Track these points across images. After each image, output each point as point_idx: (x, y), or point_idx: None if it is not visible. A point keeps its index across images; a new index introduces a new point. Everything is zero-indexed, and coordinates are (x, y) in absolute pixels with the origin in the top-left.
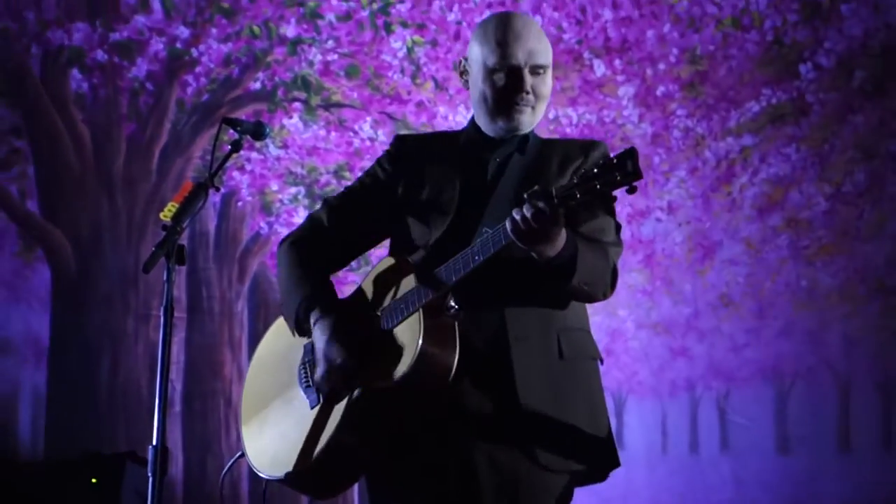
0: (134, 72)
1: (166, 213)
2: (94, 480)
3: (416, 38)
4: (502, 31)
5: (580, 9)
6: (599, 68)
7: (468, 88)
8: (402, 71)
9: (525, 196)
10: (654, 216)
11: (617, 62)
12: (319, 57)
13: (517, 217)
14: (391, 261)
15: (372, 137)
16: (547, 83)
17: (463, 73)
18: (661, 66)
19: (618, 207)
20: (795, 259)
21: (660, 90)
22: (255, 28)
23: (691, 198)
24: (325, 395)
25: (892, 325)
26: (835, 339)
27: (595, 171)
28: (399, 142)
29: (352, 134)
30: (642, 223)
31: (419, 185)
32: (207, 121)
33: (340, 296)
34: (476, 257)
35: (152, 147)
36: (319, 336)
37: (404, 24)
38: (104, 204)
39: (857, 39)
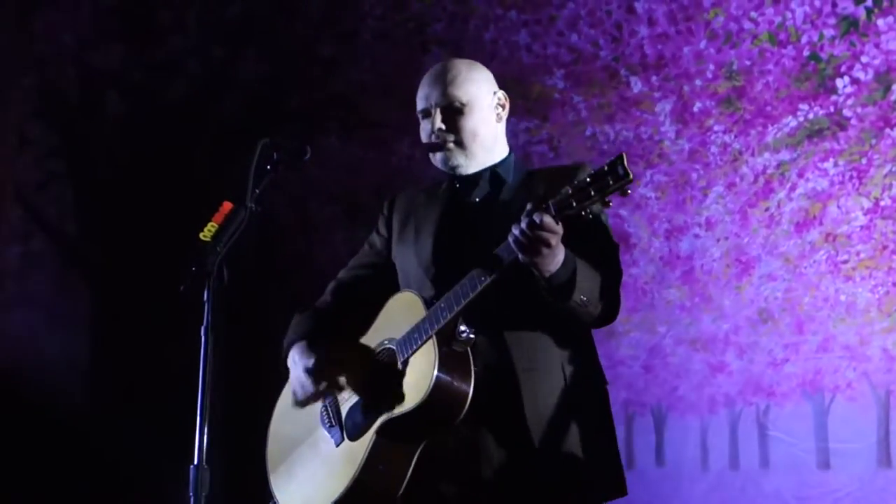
0: (170, 92)
1: (206, 234)
2: None
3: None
4: (422, 81)
5: (616, 26)
6: (636, 85)
7: None
8: None
9: (527, 209)
10: (692, 232)
11: (654, 78)
12: (356, 76)
13: (517, 231)
14: (402, 295)
15: (410, 156)
16: (472, 116)
17: None
18: (698, 82)
19: (655, 225)
20: (834, 274)
21: (696, 106)
22: (292, 48)
23: (729, 213)
24: (347, 431)
25: None
26: (875, 353)
27: (588, 179)
28: (389, 203)
29: (390, 153)
30: (681, 239)
31: (406, 238)
32: (245, 141)
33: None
34: (482, 278)
35: (190, 167)
36: (296, 357)
37: (440, 44)
38: (144, 225)
39: (894, 53)
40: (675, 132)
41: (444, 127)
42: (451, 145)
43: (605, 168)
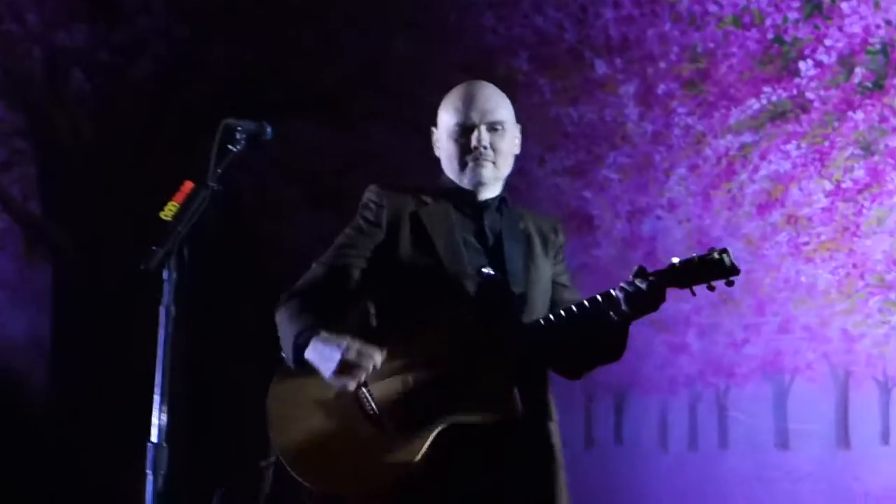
0: (136, 72)
1: (167, 213)
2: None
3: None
4: (460, 96)
5: (581, 8)
6: (601, 67)
7: (439, 155)
8: (408, 73)
9: (638, 272)
10: (654, 214)
11: (618, 61)
12: (322, 59)
13: (631, 289)
14: (458, 314)
15: (366, 136)
16: (506, 139)
17: (435, 142)
18: (662, 65)
19: (618, 206)
20: (795, 256)
21: (660, 88)
22: (258, 30)
23: (691, 195)
24: (398, 422)
25: (891, 321)
26: (834, 334)
27: (699, 264)
28: (378, 195)
29: (353, 134)
30: (643, 221)
31: (424, 248)
32: (210, 121)
33: None
34: (581, 311)
35: (155, 147)
36: (320, 346)
37: (407, 26)
38: (107, 204)
39: (857, 36)
40: (638, 114)
41: (488, 145)
42: (491, 164)
43: (715, 258)
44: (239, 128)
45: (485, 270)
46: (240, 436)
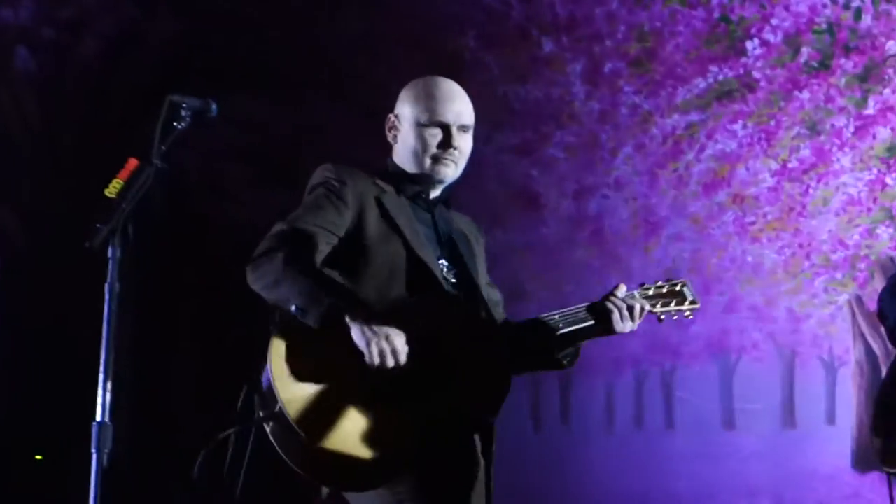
0: (82, 50)
1: (111, 190)
2: (38, 458)
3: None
4: (435, 91)
5: None
6: (548, 45)
7: (394, 142)
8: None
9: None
10: (600, 193)
11: (565, 39)
12: (267, 34)
13: (630, 305)
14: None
15: (311, 112)
16: (469, 142)
17: (392, 128)
18: (609, 43)
19: (564, 185)
20: (741, 235)
21: (607, 67)
22: (203, 6)
23: (638, 174)
24: (417, 397)
25: (837, 301)
26: (780, 314)
27: (664, 295)
28: (339, 173)
29: (299, 110)
30: (589, 200)
31: (391, 233)
32: (156, 99)
33: None
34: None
35: (100, 124)
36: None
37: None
38: (52, 182)
39: (803, 16)
40: (585, 93)
41: (458, 146)
42: (453, 164)
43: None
44: (184, 104)
45: (443, 263)
46: (186, 413)
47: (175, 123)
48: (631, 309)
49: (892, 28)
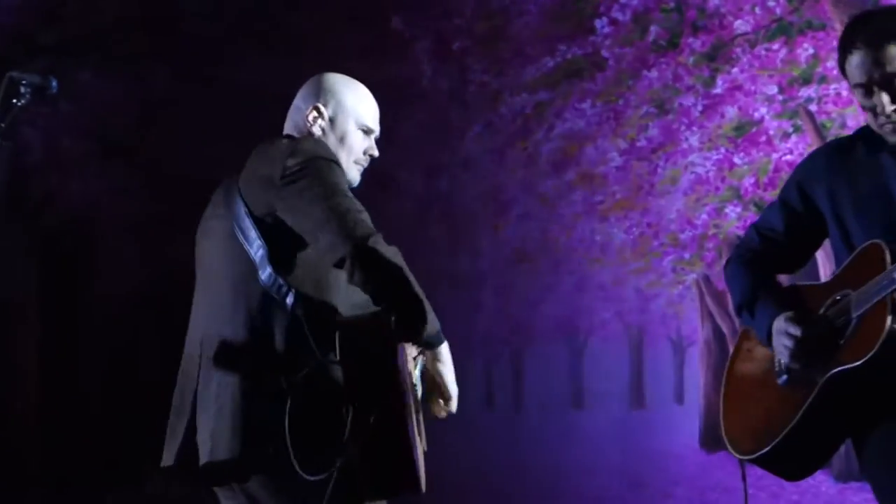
0: None
1: None
2: None
3: None
4: (371, 100)
5: None
6: (397, 23)
7: (319, 132)
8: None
9: None
10: (450, 171)
11: (413, 17)
12: (113, 10)
13: None
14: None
15: (168, 89)
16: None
17: (320, 118)
18: (457, 21)
19: (414, 163)
20: (590, 214)
21: (455, 45)
22: None
23: (487, 153)
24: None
25: (685, 280)
26: (629, 294)
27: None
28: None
29: (146, 88)
30: (439, 178)
31: None
32: None
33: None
34: None
35: None
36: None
37: None
38: None
39: None
40: (432, 71)
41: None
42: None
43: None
44: (24, 81)
45: None
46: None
47: (14, 100)
48: None
49: (740, 7)
